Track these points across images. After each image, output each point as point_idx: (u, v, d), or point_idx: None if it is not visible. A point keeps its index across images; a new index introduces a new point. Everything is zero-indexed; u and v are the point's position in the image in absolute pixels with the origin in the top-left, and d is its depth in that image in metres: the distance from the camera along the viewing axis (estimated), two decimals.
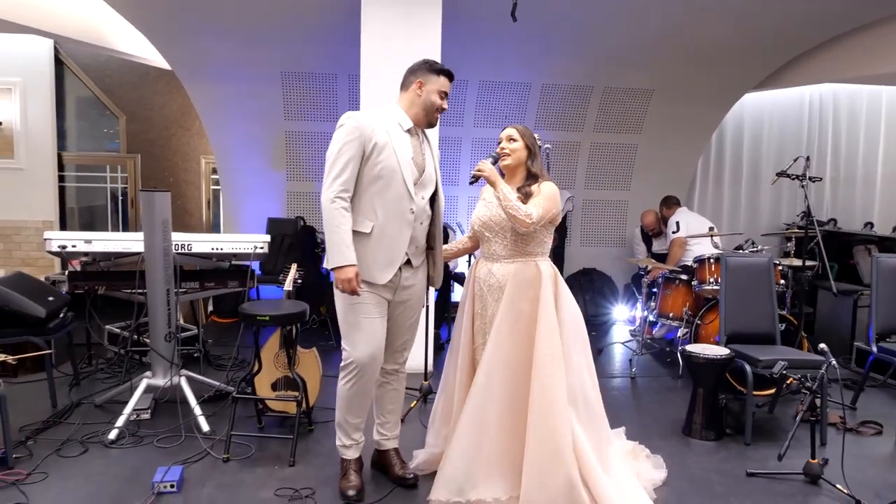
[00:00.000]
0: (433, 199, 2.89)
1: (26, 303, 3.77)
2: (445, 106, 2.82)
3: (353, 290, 2.61)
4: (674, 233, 5.38)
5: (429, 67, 2.79)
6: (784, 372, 3.15)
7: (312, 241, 6.37)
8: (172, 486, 2.84)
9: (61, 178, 6.81)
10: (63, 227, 6.78)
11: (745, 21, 5.42)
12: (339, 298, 2.74)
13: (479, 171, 2.75)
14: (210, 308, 6.31)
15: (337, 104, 6.21)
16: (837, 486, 2.94)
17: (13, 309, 3.74)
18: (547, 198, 2.76)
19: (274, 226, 6.29)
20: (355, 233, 2.68)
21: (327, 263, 2.71)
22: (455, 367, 2.92)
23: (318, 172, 6.54)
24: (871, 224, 7.21)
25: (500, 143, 2.89)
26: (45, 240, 3.36)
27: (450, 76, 2.81)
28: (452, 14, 4.68)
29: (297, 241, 6.26)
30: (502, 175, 2.87)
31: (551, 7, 5.09)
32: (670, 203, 5.89)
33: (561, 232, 6.47)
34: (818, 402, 3.15)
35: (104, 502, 2.74)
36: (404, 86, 2.83)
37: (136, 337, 4.53)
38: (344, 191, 2.64)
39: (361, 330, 2.72)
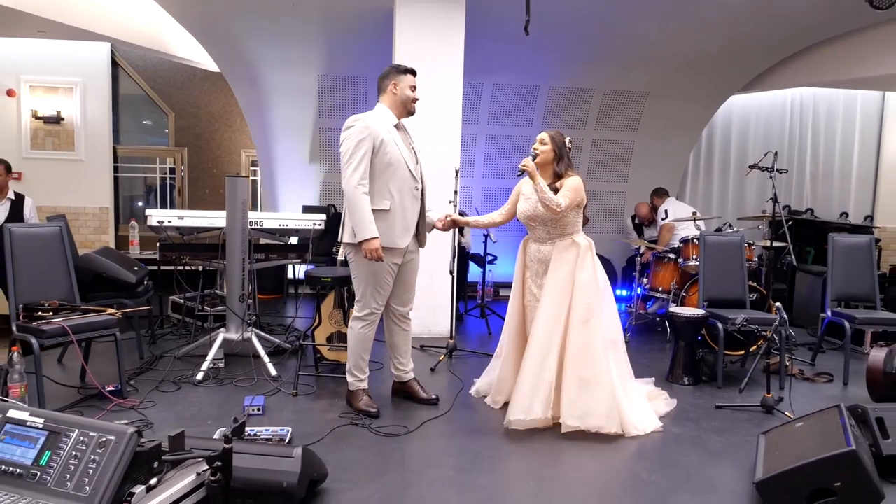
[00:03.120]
0: None
1: (120, 270, 4.55)
2: (418, 96, 3.50)
3: (379, 257, 3.32)
4: (663, 219, 6.13)
5: (397, 70, 3.51)
6: (744, 325, 3.89)
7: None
8: (259, 410, 3.58)
9: (116, 169, 7.56)
10: (117, 213, 7.54)
11: (730, 31, 6.15)
12: (362, 265, 3.44)
13: (524, 165, 3.43)
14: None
15: (366, 103, 6.94)
16: (786, 413, 3.69)
17: (110, 275, 4.51)
18: (571, 189, 3.47)
19: (308, 212, 7.02)
20: (377, 211, 3.37)
21: (355, 238, 3.32)
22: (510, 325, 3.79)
23: None
24: (846, 214, 7.97)
25: (538, 142, 3.59)
26: (147, 216, 4.11)
27: (414, 73, 3.53)
28: (472, 26, 5.41)
29: (330, 225, 7.00)
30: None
31: (558, 20, 5.82)
32: (660, 193, 6.63)
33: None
34: (774, 349, 3.89)
35: (207, 420, 3.48)
36: (382, 90, 3.51)
37: (200, 305, 5.29)
38: (363, 178, 3.30)
39: (380, 288, 3.49)
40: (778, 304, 3.92)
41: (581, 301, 3.47)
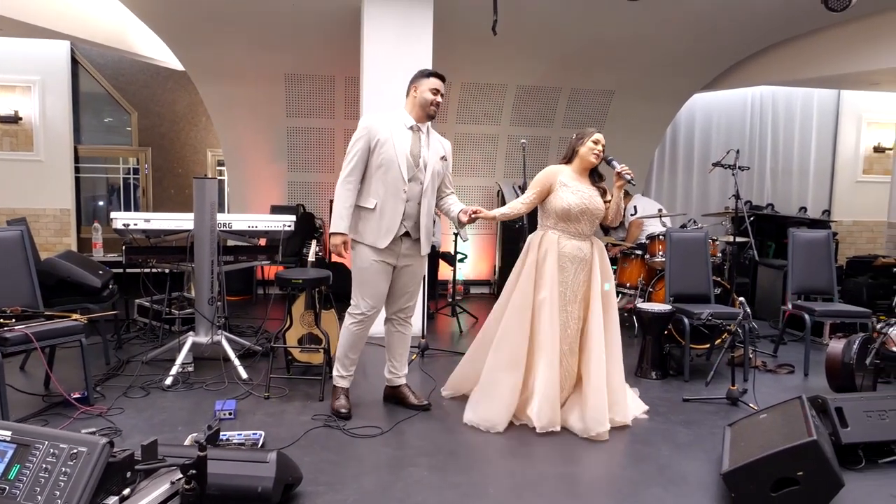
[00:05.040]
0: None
1: (85, 274, 4.46)
2: (439, 99, 3.49)
3: (339, 253, 3.44)
4: (632, 215, 6.22)
5: (420, 74, 3.56)
6: (709, 319, 3.99)
7: (311, 225, 7.08)
8: (230, 414, 3.55)
9: (77, 170, 7.39)
10: (79, 214, 7.37)
11: (693, 31, 6.26)
12: (355, 264, 3.53)
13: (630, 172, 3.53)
14: None
15: (334, 103, 6.92)
16: (751, 404, 3.80)
17: (75, 280, 4.42)
18: None
19: (276, 212, 6.96)
20: (363, 208, 3.47)
21: (353, 232, 3.51)
22: (528, 325, 3.55)
23: (316, 164, 7.26)
24: (804, 209, 8.20)
25: (597, 143, 3.60)
26: (112, 219, 4.03)
27: (438, 76, 3.54)
28: (439, 25, 5.42)
29: (299, 225, 6.94)
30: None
31: (526, 19, 5.86)
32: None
33: (532, 216, 7.28)
34: (738, 342, 4.00)
35: (177, 425, 3.44)
36: (407, 93, 3.59)
37: (167, 309, 5.21)
38: (350, 175, 3.43)
39: (370, 288, 3.51)
40: (741, 298, 4.03)
41: (614, 297, 3.64)
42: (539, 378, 3.45)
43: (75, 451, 1.77)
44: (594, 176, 3.66)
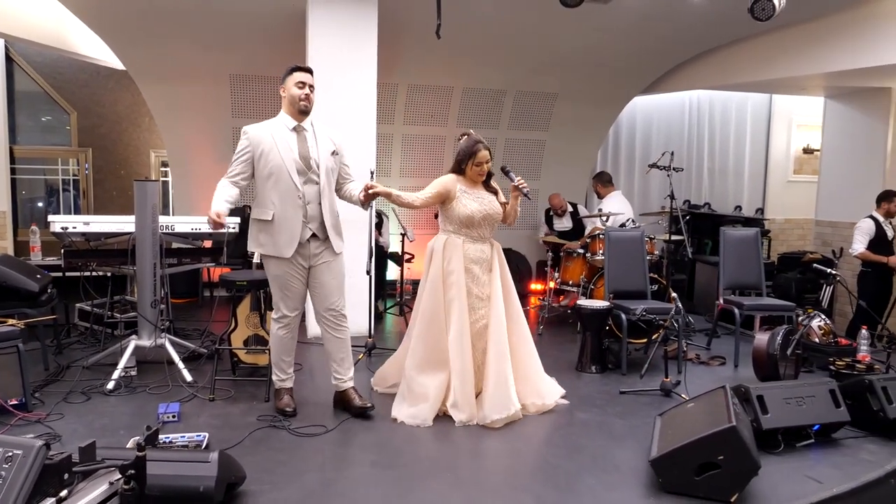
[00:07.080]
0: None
1: (21, 279, 4.35)
2: (307, 91, 3.46)
3: (216, 225, 3.35)
4: (596, 217, 6.20)
5: (285, 73, 3.53)
6: (643, 315, 4.17)
7: None
8: (174, 417, 3.54)
9: (13, 171, 7.16)
10: (16, 217, 7.15)
11: (632, 37, 6.48)
12: (269, 271, 3.57)
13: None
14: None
15: (280, 103, 6.87)
16: (682, 395, 3.99)
17: (10, 284, 4.31)
18: None
19: None
20: (261, 221, 3.48)
21: (259, 248, 3.54)
22: (443, 325, 3.69)
23: None
24: (739, 207, 8.57)
25: (481, 164, 3.77)
26: (50, 222, 3.95)
27: (302, 69, 3.51)
28: (385, 27, 5.48)
29: (244, 227, 6.89)
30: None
31: (472, 22, 5.97)
32: (605, 181, 6.62)
33: None
34: (672, 336, 4.19)
35: (119, 429, 3.41)
36: (281, 97, 3.59)
37: (109, 312, 5.12)
38: (232, 175, 3.50)
39: (287, 293, 3.57)
40: (675, 294, 4.22)
41: (515, 293, 3.83)
42: (454, 375, 3.61)
43: (10, 453, 1.78)
44: (486, 181, 3.87)
